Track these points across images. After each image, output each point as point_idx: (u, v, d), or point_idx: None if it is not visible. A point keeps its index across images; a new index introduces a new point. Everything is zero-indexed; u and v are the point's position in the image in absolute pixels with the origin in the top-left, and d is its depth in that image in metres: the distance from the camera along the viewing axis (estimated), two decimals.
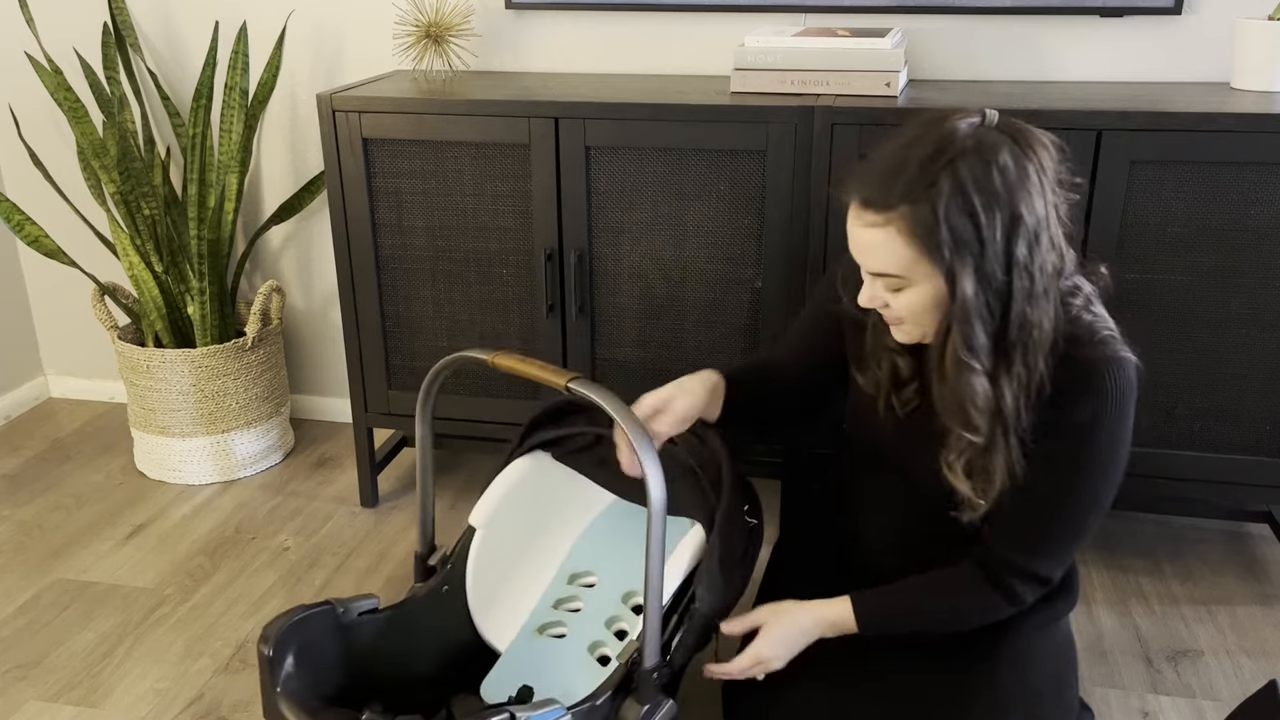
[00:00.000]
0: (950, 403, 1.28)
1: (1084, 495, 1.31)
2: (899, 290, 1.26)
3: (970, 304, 1.21)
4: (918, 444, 1.40)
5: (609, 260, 1.99)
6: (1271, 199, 1.74)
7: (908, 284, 1.25)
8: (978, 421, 1.26)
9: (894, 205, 1.20)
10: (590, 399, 1.26)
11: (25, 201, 2.63)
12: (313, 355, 2.69)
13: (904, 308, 1.27)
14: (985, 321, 1.22)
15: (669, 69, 2.26)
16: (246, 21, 2.36)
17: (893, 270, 1.24)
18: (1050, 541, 1.34)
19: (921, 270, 1.22)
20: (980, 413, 1.26)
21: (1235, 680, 1.77)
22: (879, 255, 1.24)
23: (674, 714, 1.33)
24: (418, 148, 2.00)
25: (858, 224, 1.26)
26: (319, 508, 2.33)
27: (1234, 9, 2.01)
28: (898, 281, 1.25)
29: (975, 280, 1.20)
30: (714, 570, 1.42)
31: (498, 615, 1.60)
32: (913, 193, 1.19)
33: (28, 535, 2.23)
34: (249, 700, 1.74)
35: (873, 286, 1.29)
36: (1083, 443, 1.28)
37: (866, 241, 1.25)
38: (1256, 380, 1.84)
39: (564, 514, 1.71)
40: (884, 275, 1.26)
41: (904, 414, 1.42)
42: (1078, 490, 1.30)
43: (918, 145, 1.21)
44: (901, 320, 1.30)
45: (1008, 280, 1.21)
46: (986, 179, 1.17)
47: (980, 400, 1.25)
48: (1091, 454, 1.29)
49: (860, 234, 1.26)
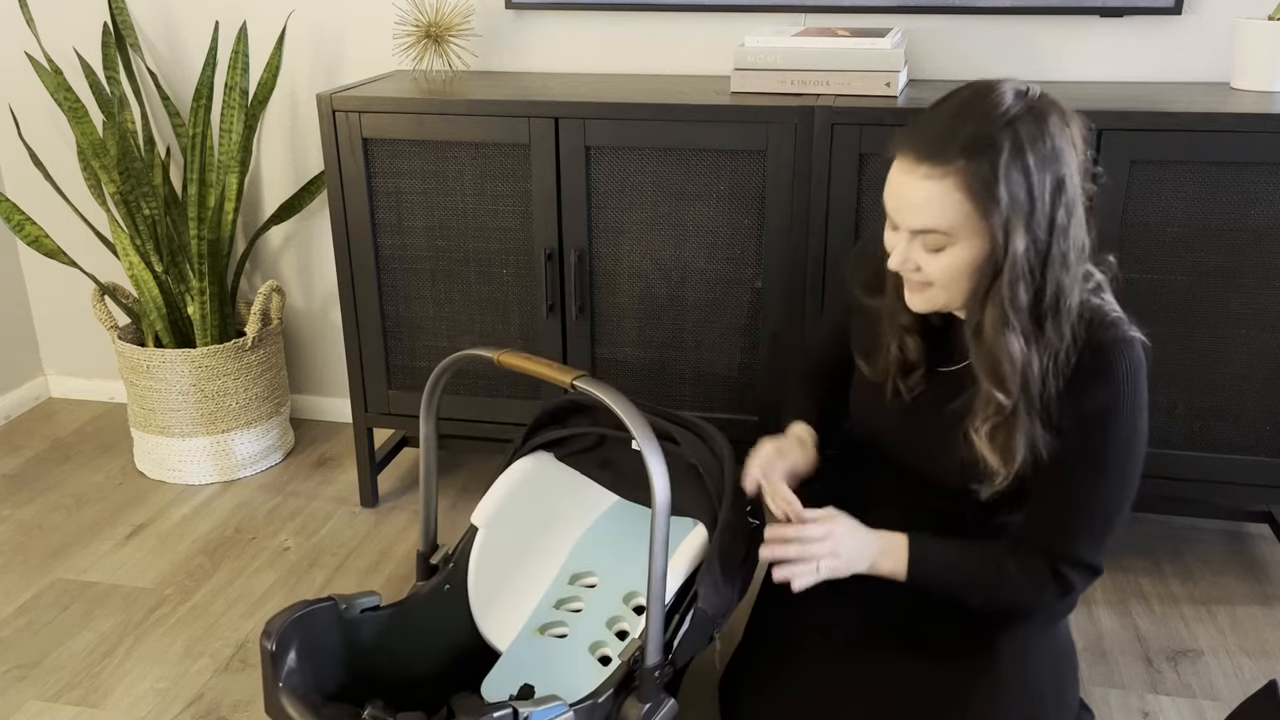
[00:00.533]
0: (986, 363, 1.29)
1: (1112, 472, 1.33)
2: (939, 250, 1.26)
3: (1020, 261, 1.23)
4: (923, 432, 1.42)
5: (609, 260, 1.99)
6: (1271, 199, 1.74)
7: (951, 243, 1.25)
8: (1011, 383, 1.27)
9: (953, 160, 1.21)
10: (595, 396, 1.26)
11: (25, 201, 2.63)
12: (313, 355, 2.69)
13: (940, 270, 1.27)
14: (1028, 282, 1.24)
15: (669, 69, 2.26)
16: (246, 21, 2.36)
17: (942, 226, 1.24)
18: (1089, 524, 1.35)
19: (970, 228, 1.23)
20: (1015, 373, 1.27)
21: (1235, 680, 1.77)
22: (930, 209, 1.24)
23: (675, 713, 1.33)
24: (418, 148, 2.00)
25: (911, 177, 1.25)
26: (319, 508, 2.33)
27: (1234, 9, 2.02)
28: (941, 240, 1.25)
29: (1026, 238, 1.22)
30: (716, 570, 1.42)
31: (499, 615, 1.60)
32: (972, 149, 1.20)
33: (28, 535, 2.23)
34: (249, 700, 1.74)
35: (909, 247, 1.28)
36: (1104, 424, 1.30)
37: (918, 196, 1.24)
38: (1256, 380, 1.84)
39: (566, 514, 1.71)
40: (929, 232, 1.25)
41: (910, 397, 1.43)
42: (1107, 469, 1.32)
43: (974, 104, 1.23)
44: (931, 284, 1.30)
45: (1048, 243, 1.23)
46: (1040, 141, 1.21)
47: (1017, 359, 1.26)
48: (1113, 433, 1.31)
49: (912, 188, 1.25)
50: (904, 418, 1.45)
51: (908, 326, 1.41)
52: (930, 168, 1.23)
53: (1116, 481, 1.33)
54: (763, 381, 2.00)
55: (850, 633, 1.49)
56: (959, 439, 1.37)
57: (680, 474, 1.61)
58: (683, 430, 1.63)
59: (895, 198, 1.28)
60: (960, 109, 1.24)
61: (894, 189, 1.28)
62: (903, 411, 1.45)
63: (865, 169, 1.84)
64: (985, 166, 1.20)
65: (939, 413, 1.41)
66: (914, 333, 1.41)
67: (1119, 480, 1.33)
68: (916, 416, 1.44)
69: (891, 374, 1.44)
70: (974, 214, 1.22)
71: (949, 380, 1.41)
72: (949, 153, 1.21)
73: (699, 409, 2.04)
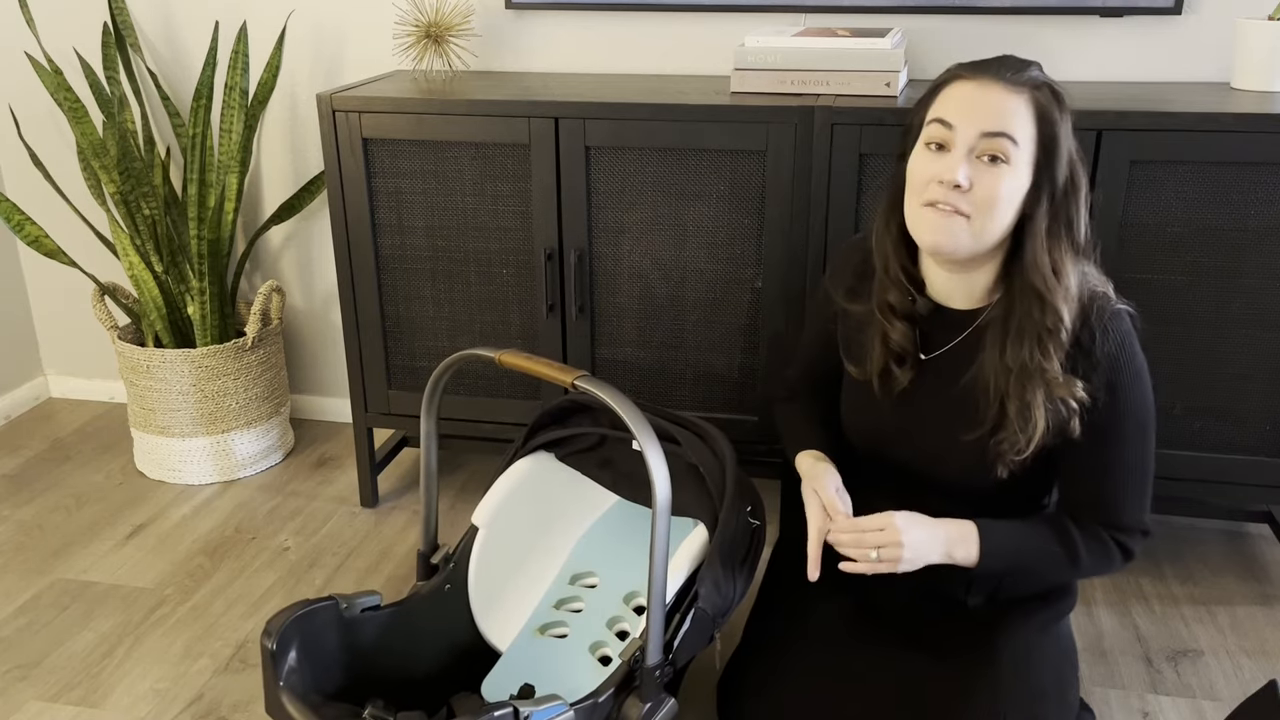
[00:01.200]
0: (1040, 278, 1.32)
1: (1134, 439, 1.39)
2: (996, 164, 1.29)
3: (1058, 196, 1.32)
4: (919, 423, 1.44)
5: (609, 260, 1.99)
6: (1271, 199, 1.74)
7: (1010, 158, 1.29)
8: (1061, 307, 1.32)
9: (1025, 86, 1.30)
10: (596, 396, 1.26)
11: (25, 201, 2.63)
12: (313, 355, 2.69)
13: (988, 188, 1.29)
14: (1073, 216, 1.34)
15: (669, 69, 2.26)
16: (246, 21, 2.36)
17: (1016, 133, 1.29)
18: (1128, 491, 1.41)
19: (1025, 154, 1.30)
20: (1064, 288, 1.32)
21: (1235, 680, 1.77)
22: (1008, 115, 1.29)
23: (675, 713, 1.33)
24: (418, 148, 2.00)
25: (989, 89, 1.30)
26: (319, 508, 2.33)
27: (1234, 9, 2.02)
28: (1007, 149, 1.29)
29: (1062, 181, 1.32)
30: (716, 570, 1.42)
31: (499, 615, 1.60)
32: (1035, 87, 1.31)
33: (28, 535, 2.23)
34: (249, 700, 1.74)
35: (969, 162, 1.30)
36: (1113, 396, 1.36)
37: (1001, 102, 1.29)
38: (1256, 380, 1.84)
39: (566, 514, 1.71)
40: (1000, 136, 1.28)
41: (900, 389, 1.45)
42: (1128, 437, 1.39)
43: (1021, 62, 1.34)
44: (968, 215, 1.31)
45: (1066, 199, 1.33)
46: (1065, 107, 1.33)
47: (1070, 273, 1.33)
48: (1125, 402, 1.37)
49: (994, 95, 1.30)
50: (897, 412, 1.46)
51: (895, 307, 1.42)
52: (1009, 85, 1.30)
53: (1139, 445, 1.40)
54: (763, 381, 2.00)
55: (851, 632, 1.49)
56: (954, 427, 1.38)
57: (681, 474, 1.61)
58: (683, 430, 1.63)
59: (967, 104, 1.31)
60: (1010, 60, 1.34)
61: (964, 98, 1.31)
62: (895, 406, 1.46)
63: (865, 169, 1.84)
64: (1048, 100, 1.30)
65: (931, 401, 1.42)
66: (901, 316, 1.43)
67: (1141, 444, 1.40)
68: (910, 408, 1.45)
69: (881, 367, 1.44)
70: (1033, 140, 1.30)
71: (938, 365, 1.43)
72: (1022, 79, 1.31)
73: (699, 409, 2.04)
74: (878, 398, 1.47)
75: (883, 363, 1.45)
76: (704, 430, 1.62)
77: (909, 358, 1.44)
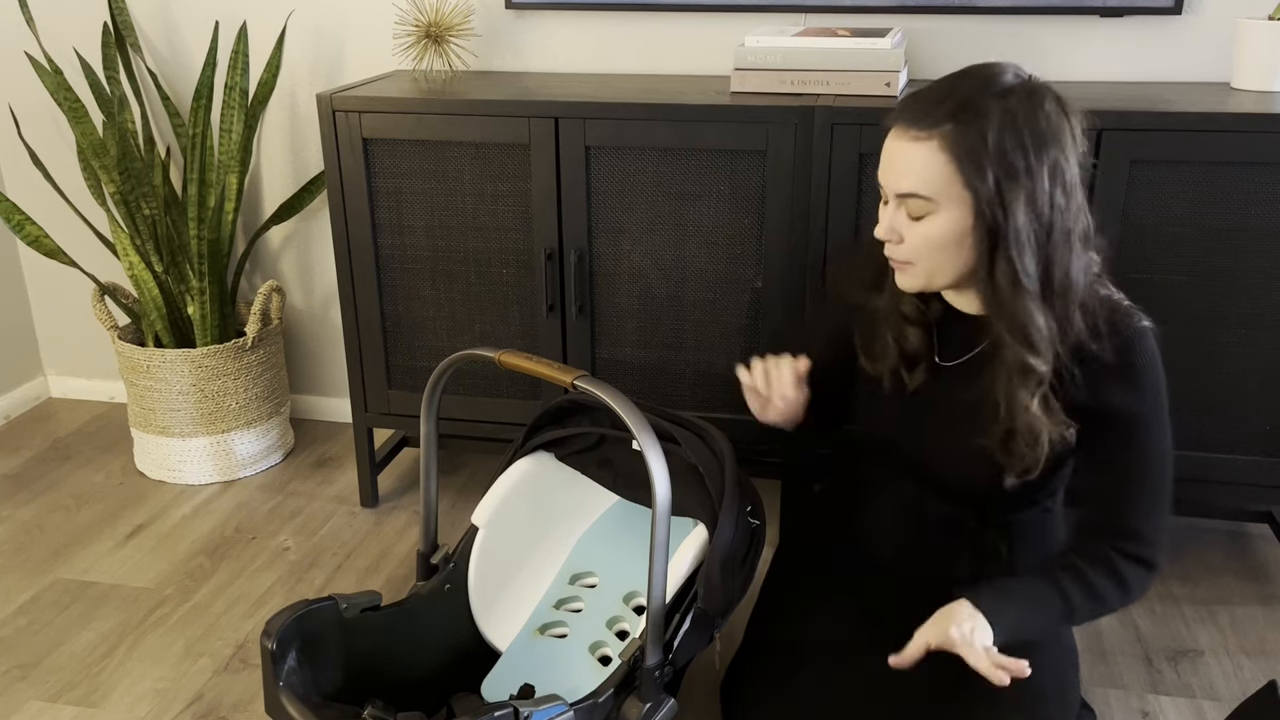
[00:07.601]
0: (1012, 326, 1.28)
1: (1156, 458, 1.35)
2: (921, 218, 1.27)
3: (1024, 234, 1.24)
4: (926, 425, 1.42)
5: (609, 260, 1.99)
6: (1271, 199, 1.74)
7: (933, 209, 1.26)
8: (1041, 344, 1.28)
9: (939, 124, 1.24)
10: (596, 396, 1.26)
11: (25, 201, 2.63)
12: (313, 355, 2.69)
13: (920, 239, 1.28)
14: (1034, 255, 1.25)
15: (669, 69, 2.26)
16: (246, 21, 2.36)
17: (924, 190, 1.25)
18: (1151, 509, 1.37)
19: (952, 193, 1.24)
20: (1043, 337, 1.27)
21: (1235, 680, 1.77)
22: (914, 171, 1.25)
23: (675, 713, 1.33)
24: (418, 148, 2.00)
25: (900, 140, 1.27)
26: (319, 508, 2.33)
27: (1234, 9, 2.02)
28: (924, 206, 1.26)
29: (1028, 213, 1.23)
30: (716, 570, 1.42)
31: (499, 615, 1.60)
32: (960, 115, 1.23)
33: (28, 535, 2.23)
34: (249, 700, 1.74)
35: (894, 215, 1.30)
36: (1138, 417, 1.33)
37: (905, 158, 1.26)
38: (1256, 380, 1.84)
39: (566, 514, 1.71)
40: (913, 196, 1.26)
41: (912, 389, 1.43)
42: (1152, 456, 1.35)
43: (967, 78, 1.27)
44: (910, 262, 1.30)
45: (1051, 221, 1.25)
46: (1034, 119, 1.23)
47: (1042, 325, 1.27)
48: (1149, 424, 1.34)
49: (899, 150, 1.27)
50: (906, 411, 1.45)
51: (908, 315, 1.42)
52: (918, 131, 1.25)
53: (1160, 465, 1.36)
54: None
55: (852, 633, 1.49)
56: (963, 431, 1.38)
57: (680, 474, 1.60)
58: (683, 430, 1.63)
59: (885, 162, 1.30)
60: (956, 80, 1.27)
61: (884, 155, 1.30)
62: (905, 405, 1.45)
63: (865, 169, 1.84)
64: (973, 133, 1.22)
65: (943, 405, 1.41)
66: (914, 323, 1.42)
67: (1162, 464, 1.36)
68: (919, 410, 1.44)
69: (892, 367, 1.44)
70: (956, 179, 1.24)
71: (953, 374, 1.42)
72: (937, 116, 1.24)
73: (699, 409, 2.04)
74: (887, 394, 1.47)
75: (896, 364, 1.44)
76: (703, 430, 1.62)
77: (923, 361, 1.43)
